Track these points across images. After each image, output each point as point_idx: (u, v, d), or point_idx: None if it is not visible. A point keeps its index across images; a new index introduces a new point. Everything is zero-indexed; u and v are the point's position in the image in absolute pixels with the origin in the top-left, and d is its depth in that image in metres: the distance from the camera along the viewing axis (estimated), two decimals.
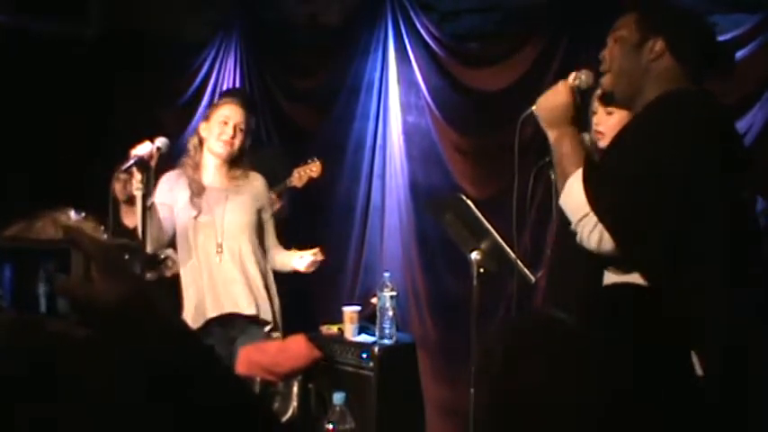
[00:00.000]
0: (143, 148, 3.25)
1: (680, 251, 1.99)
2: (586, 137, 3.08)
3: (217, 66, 5.58)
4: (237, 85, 5.47)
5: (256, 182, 3.64)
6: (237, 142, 3.54)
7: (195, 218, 3.52)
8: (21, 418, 1.06)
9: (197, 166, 3.57)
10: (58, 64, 5.37)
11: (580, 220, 2.07)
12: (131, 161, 3.22)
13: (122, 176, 3.61)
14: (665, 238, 2.00)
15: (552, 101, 2.26)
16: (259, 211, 3.62)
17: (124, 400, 1.07)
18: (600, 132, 2.93)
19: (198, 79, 5.62)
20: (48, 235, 1.16)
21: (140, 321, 0.99)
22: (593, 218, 2.04)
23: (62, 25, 5.48)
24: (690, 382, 1.45)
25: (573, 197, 2.10)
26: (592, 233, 2.04)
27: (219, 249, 3.50)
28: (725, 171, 2.05)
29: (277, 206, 4.15)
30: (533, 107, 2.30)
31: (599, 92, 2.71)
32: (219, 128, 3.52)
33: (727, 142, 2.12)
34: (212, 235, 3.52)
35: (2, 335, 1.05)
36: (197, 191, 3.53)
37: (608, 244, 2.02)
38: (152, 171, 3.31)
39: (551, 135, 2.23)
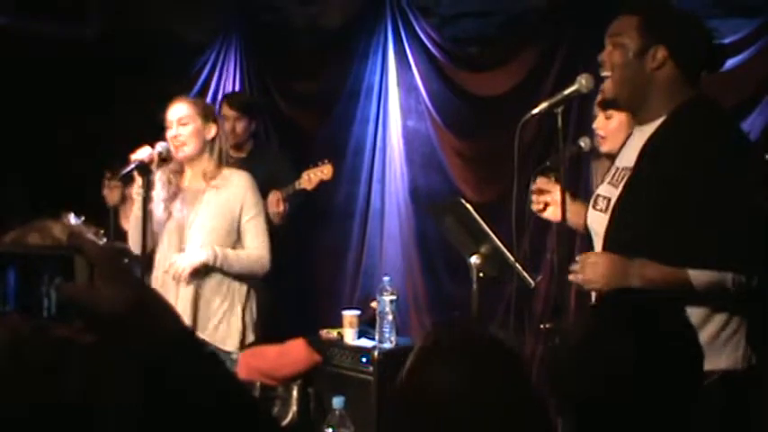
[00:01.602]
0: (143, 153, 3.25)
1: None
2: (587, 141, 3.09)
3: (217, 69, 5.58)
4: (238, 88, 5.47)
5: (238, 182, 3.40)
6: (185, 139, 3.34)
7: (165, 222, 3.39)
8: (27, 422, 1.07)
9: (180, 171, 3.43)
10: (57, 66, 5.36)
11: (734, 280, 2.10)
12: (131, 166, 3.22)
13: (110, 183, 3.59)
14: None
15: (599, 272, 2.19)
16: (237, 214, 3.38)
17: (127, 404, 1.07)
18: (601, 137, 2.94)
19: (199, 83, 5.62)
20: (55, 240, 1.16)
21: (143, 326, 0.99)
22: (728, 275, 2.09)
23: (62, 27, 5.48)
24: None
25: (706, 282, 2.11)
26: (751, 279, 2.10)
27: None
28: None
29: (280, 209, 4.13)
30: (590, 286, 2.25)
31: (599, 97, 2.72)
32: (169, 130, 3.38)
33: (747, 141, 2.26)
34: (176, 241, 3.36)
35: (7, 340, 1.06)
36: (171, 194, 3.38)
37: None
38: (152, 175, 3.31)
39: (634, 283, 2.16)
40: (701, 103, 2.21)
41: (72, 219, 1.27)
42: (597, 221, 2.34)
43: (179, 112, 3.37)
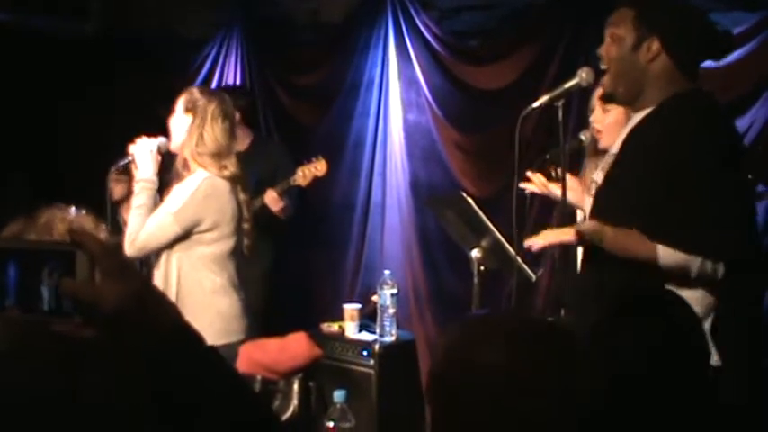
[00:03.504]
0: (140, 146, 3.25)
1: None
2: (588, 134, 3.09)
3: (219, 63, 5.57)
4: (239, 82, 5.46)
5: (187, 183, 3.17)
6: (171, 130, 3.26)
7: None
8: (27, 418, 1.07)
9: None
10: (57, 62, 5.36)
11: (700, 267, 2.11)
12: (128, 159, 3.22)
13: (118, 176, 3.57)
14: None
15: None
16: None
17: (128, 400, 1.07)
18: (598, 131, 2.94)
19: (200, 77, 5.61)
20: (57, 231, 1.17)
21: (144, 322, 0.99)
22: (695, 260, 2.11)
23: (62, 23, 5.47)
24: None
25: (672, 262, 2.13)
26: (716, 268, 2.11)
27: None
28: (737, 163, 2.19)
29: (280, 206, 4.14)
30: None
31: (598, 90, 2.73)
32: None
33: (736, 138, 2.26)
34: None
35: (8, 335, 1.06)
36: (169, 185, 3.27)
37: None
38: None
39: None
40: (691, 95, 2.22)
41: (72, 212, 1.27)
42: (588, 206, 2.40)
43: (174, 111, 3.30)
